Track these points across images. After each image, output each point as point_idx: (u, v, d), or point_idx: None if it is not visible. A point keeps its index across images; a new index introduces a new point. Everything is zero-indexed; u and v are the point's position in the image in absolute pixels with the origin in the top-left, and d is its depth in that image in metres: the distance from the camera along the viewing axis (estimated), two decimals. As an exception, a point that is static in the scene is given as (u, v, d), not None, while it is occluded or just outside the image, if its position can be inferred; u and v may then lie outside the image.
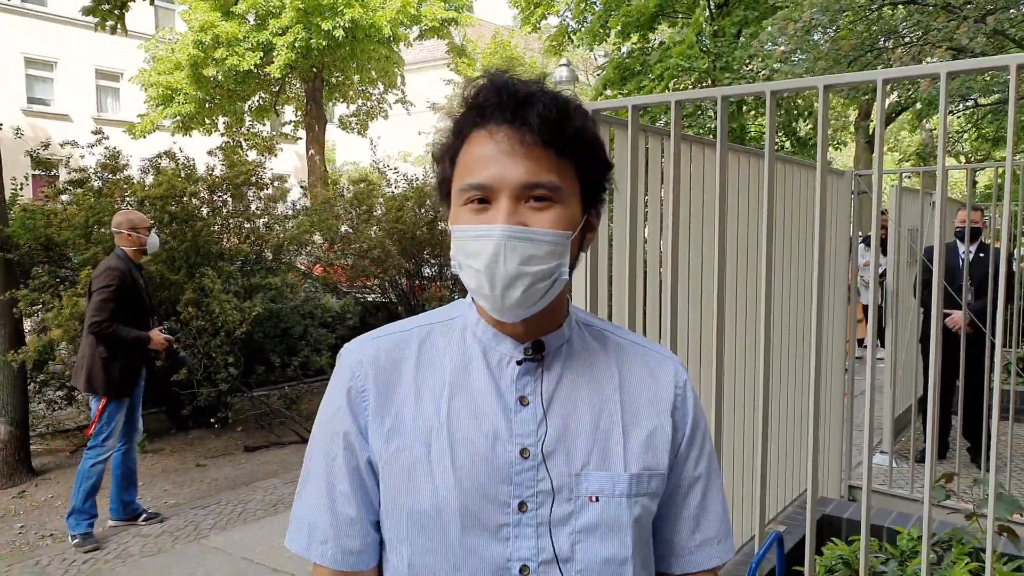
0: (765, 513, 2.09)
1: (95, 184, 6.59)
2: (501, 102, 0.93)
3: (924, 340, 4.96)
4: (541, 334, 1.01)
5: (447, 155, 1.00)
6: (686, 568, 1.07)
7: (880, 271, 9.01)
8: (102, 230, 6.09)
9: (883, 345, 8.44)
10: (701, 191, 2.78)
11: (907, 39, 8.78)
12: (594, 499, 0.96)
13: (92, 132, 6.96)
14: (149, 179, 6.82)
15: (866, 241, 8.96)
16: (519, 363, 0.99)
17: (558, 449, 0.97)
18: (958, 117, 13.70)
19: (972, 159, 18.12)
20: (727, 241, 2.06)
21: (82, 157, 6.94)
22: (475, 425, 0.97)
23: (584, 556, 0.95)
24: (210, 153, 7.34)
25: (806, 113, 13.19)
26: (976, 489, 4.35)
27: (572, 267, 0.98)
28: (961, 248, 5.37)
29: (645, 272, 2.46)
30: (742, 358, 3.17)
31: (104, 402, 4.33)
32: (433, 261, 8.83)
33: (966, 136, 15.22)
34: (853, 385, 4.43)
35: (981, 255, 5.24)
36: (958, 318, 4.99)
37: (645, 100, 2.13)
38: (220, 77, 15.92)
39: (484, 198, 0.93)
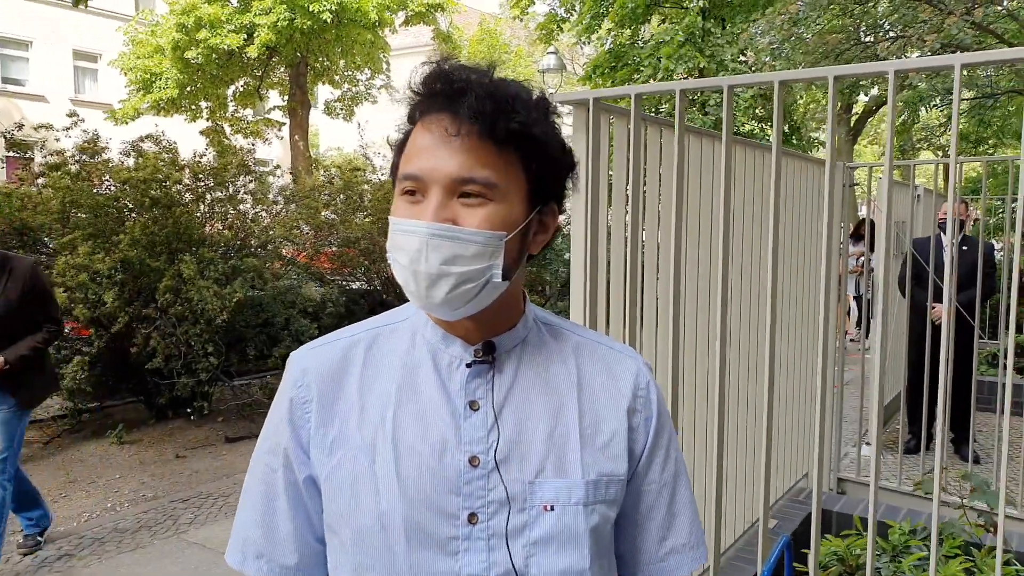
0: (768, 498, 2.05)
1: (72, 168, 6.42)
2: (436, 91, 0.89)
3: (911, 333, 4.96)
4: (493, 334, 0.96)
5: (398, 144, 0.96)
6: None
7: (861, 262, 9.06)
8: (80, 215, 5.95)
9: (867, 336, 8.49)
10: (698, 182, 2.74)
11: (891, 33, 8.81)
12: (549, 508, 0.91)
13: (68, 115, 6.77)
14: (130, 162, 6.66)
15: (853, 236, 9.00)
16: (469, 366, 0.94)
17: (511, 456, 0.92)
18: (943, 110, 13.79)
19: (947, 152, 18.28)
20: (731, 232, 2.01)
21: (57, 140, 6.76)
22: (421, 433, 0.92)
23: (539, 569, 0.91)
24: (202, 133, 7.20)
25: (792, 106, 13.22)
26: (964, 482, 4.36)
27: (512, 269, 0.92)
28: (944, 240, 5.38)
29: (642, 265, 2.40)
30: (740, 347, 3.13)
31: None
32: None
33: (947, 131, 15.33)
34: (843, 376, 4.43)
35: (964, 248, 5.25)
36: (941, 310, 5.00)
37: (648, 89, 2.07)
38: (202, 60, 15.66)
39: (416, 190, 0.89)
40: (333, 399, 0.96)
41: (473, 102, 0.86)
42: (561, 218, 1.01)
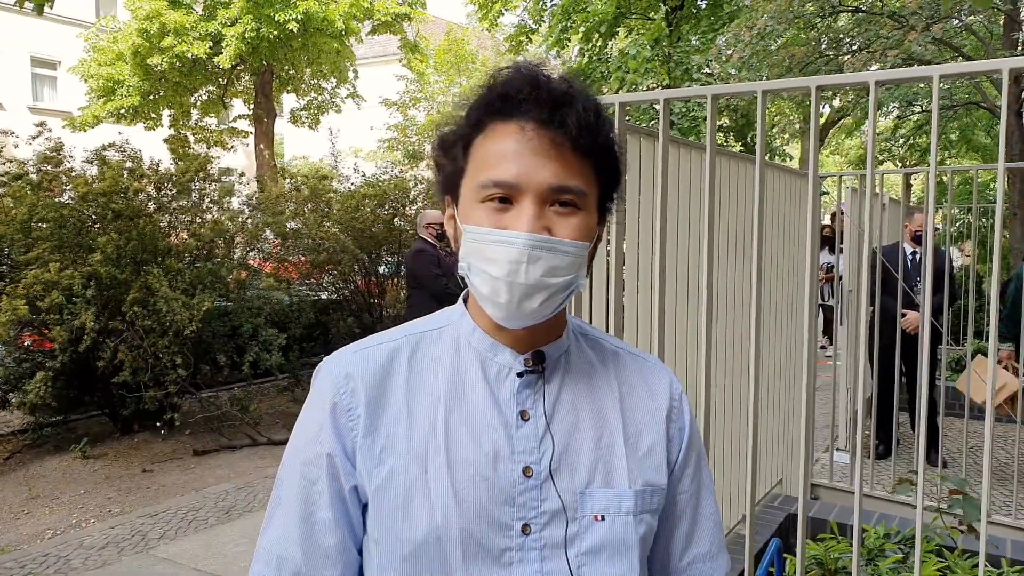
0: (755, 498, 2.06)
1: (33, 177, 6.26)
2: (539, 98, 0.87)
3: (881, 340, 5.05)
4: (542, 344, 0.95)
5: (460, 145, 0.92)
6: None
7: (827, 269, 9.22)
8: (42, 226, 5.81)
9: (831, 342, 8.63)
10: (676, 191, 2.76)
11: (854, 46, 9.02)
12: (600, 518, 0.91)
13: (35, 124, 6.64)
14: (93, 170, 6.52)
15: (829, 245, 9.15)
16: (520, 375, 0.93)
17: (562, 466, 0.92)
18: (904, 121, 14.16)
19: (907, 163, 18.79)
20: (715, 241, 2.03)
21: (15, 146, 6.60)
22: (474, 443, 0.91)
23: None
24: (165, 141, 7.11)
25: (754, 120, 13.44)
26: (936, 486, 4.45)
27: (586, 278, 0.94)
28: (909, 249, 5.50)
29: (624, 275, 2.42)
30: (725, 354, 3.16)
31: None
32: (390, 259, 8.69)
33: (910, 142, 15.75)
34: (815, 382, 4.48)
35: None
36: (913, 318, 5.10)
37: (633, 98, 2.09)
38: (166, 67, 15.40)
39: (506, 197, 0.87)
40: (380, 406, 0.93)
41: (582, 112, 0.86)
42: None
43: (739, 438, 3.43)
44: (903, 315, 4.95)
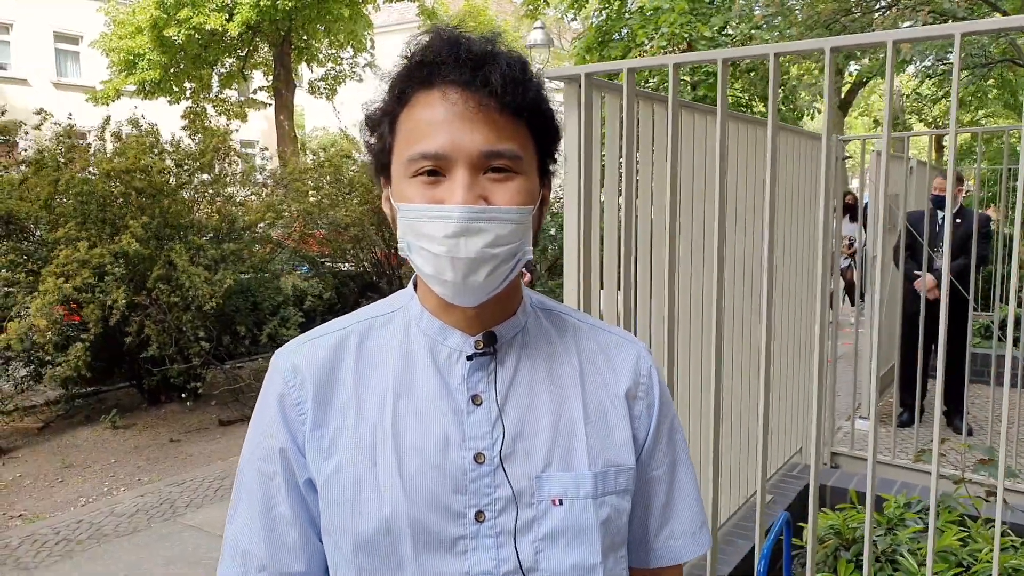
0: (766, 474, 2.04)
1: (59, 158, 6.30)
2: (459, 59, 0.82)
3: (904, 306, 4.95)
4: (493, 323, 0.91)
5: (386, 122, 0.88)
6: (657, 563, 1.00)
7: (851, 239, 9.05)
8: (67, 201, 5.87)
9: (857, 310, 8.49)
10: (691, 157, 2.71)
11: (883, 2, 8.73)
12: (557, 502, 0.88)
13: (35, 112, 6.62)
14: (108, 146, 6.56)
15: (851, 214, 8.97)
16: (469, 358, 0.90)
17: (516, 451, 0.88)
18: (933, 80, 13.76)
19: (939, 124, 18.31)
20: (727, 209, 1.99)
21: (26, 134, 6.63)
22: (423, 430, 0.88)
23: (549, 564, 0.88)
24: (183, 116, 7.14)
25: (784, 74, 13.12)
26: (960, 455, 4.40)
27: (533, 245, 0.89)
28: (939, 214, 5.37)
29: (636, 243, 2.38)
30: (741, 324, 3.12)
31: None
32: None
33: (938, 101, 15.32)
34: (836, 350, 4.43)
35: (958, 220, 5.25)
36: (928, 281, 4.99)
37: (642, 63, 2.03)
38: (183, 39, 15.38)
39: (436, 169, 0.83)
40: (328, 398, 0.91)
41: (506, 69, 0.82)
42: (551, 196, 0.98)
43: (753, 410, 3.40)
44: (918, 277, 4.84)
